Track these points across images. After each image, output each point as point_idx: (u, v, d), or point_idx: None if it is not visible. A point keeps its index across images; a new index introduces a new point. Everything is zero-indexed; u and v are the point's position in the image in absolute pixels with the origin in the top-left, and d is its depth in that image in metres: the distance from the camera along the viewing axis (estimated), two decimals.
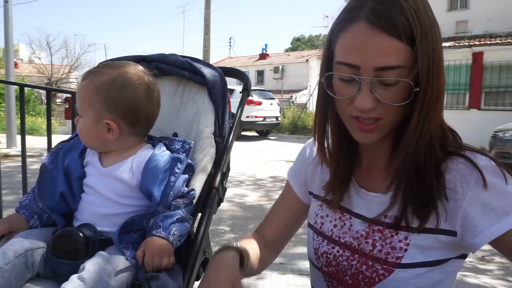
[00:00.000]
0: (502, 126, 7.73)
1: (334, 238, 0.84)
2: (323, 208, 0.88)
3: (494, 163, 0.70)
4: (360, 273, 0.78)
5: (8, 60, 8.16)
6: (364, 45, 0.65)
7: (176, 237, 0.90)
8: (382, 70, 0.65)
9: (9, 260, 0.82)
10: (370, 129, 0.71)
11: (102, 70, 0.98)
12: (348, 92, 0.69)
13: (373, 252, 0.77)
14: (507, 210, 0.67)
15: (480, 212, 0.68)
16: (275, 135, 14.35)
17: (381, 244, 0.76)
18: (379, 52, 0.64)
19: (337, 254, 0.82)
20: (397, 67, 0.64)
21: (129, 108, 0.97)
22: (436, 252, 0.73)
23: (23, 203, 1.00)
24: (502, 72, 10.69)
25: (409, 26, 0.63)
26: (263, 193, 5.18)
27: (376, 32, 0.64)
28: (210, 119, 1.15)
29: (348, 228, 0.82)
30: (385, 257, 0.75)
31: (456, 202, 0.70)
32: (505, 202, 0.68)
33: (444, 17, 12.06)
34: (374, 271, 0.76)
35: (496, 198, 0.68)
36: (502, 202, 0.68)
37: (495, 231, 0.67)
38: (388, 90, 0.66)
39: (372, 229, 0.78)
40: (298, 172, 0.97)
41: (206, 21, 12.58)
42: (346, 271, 0.80)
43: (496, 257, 3.12)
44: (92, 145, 1.01)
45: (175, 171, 0.96)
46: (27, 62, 31.06)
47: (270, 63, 24.08)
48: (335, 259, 0.82)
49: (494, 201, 0.68)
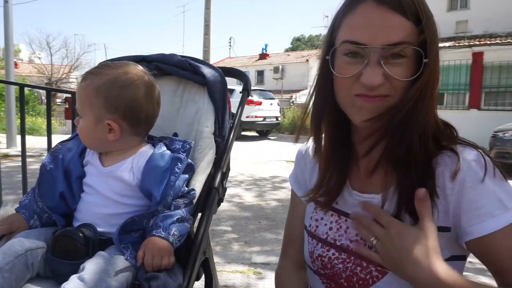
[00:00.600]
0: (502, 126, 7.74)
1: (329, 241, 0.83)
2: (318, 211, 0.87)
3: (483, 157, 0.68)
4: (354, 275, 0.77)
5: (8, 60, 8.17)
6: (372, 22, 0.67)
7: (176, 237, 0.90)
8: (390, 48, 0.66)
9: (9, 260, 0.82)
10: (378, 100, 0.69)
11: (101, 70, 0.98)
12: (354, 69, 0.69)
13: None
14: (492, 211, 0.66)
15: (465, 209, 0.67)
16: (275, 135, 14.35)
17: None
18: (387, 28, 0.66)
19: (332, 257, 0.82)
20: (405, 43, 0.66)
21: (130, 108, 0.97)
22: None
23: (23, 203, 1.00)
24: (502, 72, 10.70)
25: (414, 6, 0.66)
26: (262, 193, 5.18)
27: (384, 9, 0.66)
28: (210, 119, 1.15)
29: (345, 230, 0.81)
30: None
31: (446, 197, 0.69)
32: (491, 201, 0.66)
33: (444, 17, 12.05)
34: (368, 273, 0.75)
35: (481, 195, 0.66)
36: (488, 201, 0.66)
37: (474, 232, 0.67)
38: (396, 65, 0.67)
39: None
40: (297, 176, 0.97)
41: (206, 21, 12.58)
42: (341, 273, 0.80)
43: None
44: (93, 146, 1.00)
45: (175, 171, 0.96)
46: (27, 62, 31.07)
47: (270, 63, 24.08)
48: (330, 262, 0.82)
49: (480, 199, 0.66)
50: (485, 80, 10.95)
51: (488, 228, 0.66)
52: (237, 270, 2.59)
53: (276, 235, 3.51)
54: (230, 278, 2.47)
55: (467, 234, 0.68)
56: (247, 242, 3.32)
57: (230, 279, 2.45)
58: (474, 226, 0.67)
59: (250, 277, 2.50)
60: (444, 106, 11.17)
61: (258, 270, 2.60)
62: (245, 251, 3.07)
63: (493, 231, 0.65)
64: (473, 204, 0.67)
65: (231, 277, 2.48)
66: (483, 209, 0.66)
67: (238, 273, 2.55)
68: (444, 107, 11.16)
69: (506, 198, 0.66)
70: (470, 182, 0.67)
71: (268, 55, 26.09)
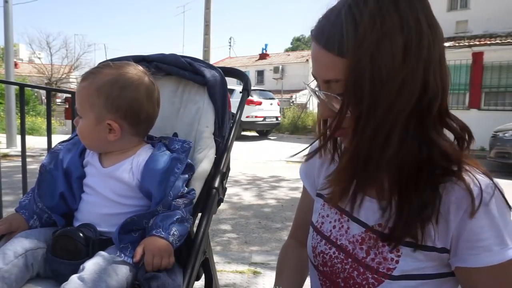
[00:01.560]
0: (502, 126, 7.74)
1: (331, 239, 0.83)
2: (325, 208, 0.87)
3: (494, 190, 0.67)
4: (351, 278, 0.77)
5: (8, 60, 8.16)
6: (314, 60, 0.70)
7: (176, 237, 0.90)
8: (328, 83, 0.68)
9: (9, 260, 0.82)
10: (340, 134, 0.73)
11: (102, 70, 0.98)
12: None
13: (366, 260, 0.76)
14: (490, 246, 0.66)
15: (465, 237, 0.67)
16: (275, 135, 14.35)
17: (375, 253, 0.75)
18: (322, 66, 0.68)
19: (333, 255, 0.82)
20: (339, 80, 0.66)
21: (131, 108, 0.97)
22: (429, 267, 0.71)
23: (22, 203, 1.00)
24: (502, 72, 10.69)
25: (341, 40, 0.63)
26: (262, 193, 5.18)
27: (319, 47, 0.67)
28: (210, 119, 1.15)
29: (345, 230, 0.81)
30: (376, 266, 0.74)
31: (449, 222, 0.68)
32: (492, 235, 0.66)
33: (444, 17, 12.04)
34: (365, 279, 0.75)
35: (484, 228, 0.66)
36: (490, 235, 0.66)
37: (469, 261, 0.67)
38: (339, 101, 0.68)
39: (368, 235, 0.77)
40: (308, 172, 0.97)
41: (206, 21, 12.58)
42: (339, 273, 0.80)
43: None
44: (93, 146, 1.00)
45: (175, 171, 0.96)
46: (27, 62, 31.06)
47: (270, 63, 24.08)
48: (331, 260, 0.82)
49: (482, 232, 0.66)
50: (485, 80, 10.95)
51: (484, 262, 0.66)
52: (237, 270, 2.59)
53: (275, 235, 3.51)
54: (230, 278, 2.47)
55: (460, 261, 0.68)
56: (247, 242, 3.32)
57: (230, 279, 2.45)
58: (470, 255, 0.67)
59: (250, 277, 2.50)
60: None
61: (258, 270, 2.60)
62: (245, 251, 3.07)
63: (487, 265, 0.66)
64: (473, 235, 0.66)
65: (231, 277, 2.48)
66: (483, 242, 0.66)
67: (238, 273, 2.55)
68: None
69: (507, 234, 0.66)
70: (483, 218, 0.66)
71: (268, 55, 26.09)
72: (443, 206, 0.68)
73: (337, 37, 0.63)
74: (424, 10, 0.64)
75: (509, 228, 0.67)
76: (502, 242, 0.66)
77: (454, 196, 0.68)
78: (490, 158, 7.49)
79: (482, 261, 0.66)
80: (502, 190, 0.69)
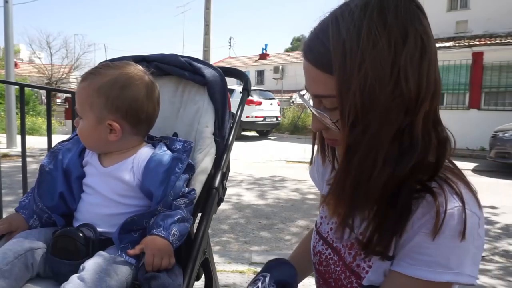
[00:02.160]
0: (502, 126, 7.74)
1: (328, 240, 0.84)
2: (324, 209, 0.88)
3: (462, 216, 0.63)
4: (340, 279, 0.78)
5: (8, 60, 8.16)
6: (305, 74, 0.69)
7: (176, 237, 0.90)
8: (319, 98, 0.68)
9: (9, 260, 0.82)
10: (333, 144, 0.76)
11: (102, 71, 0.97)
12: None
13: (352, 265, 0.76)
14: (430, 264, 0.63)
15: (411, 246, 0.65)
16: (275, 135, 14.35)
17: (359, 260, 0.75)
18: (312, 82, 0.68)
19: (328, 256, 0.83)
20: (329, 96, 0.65)
21: (131, 108, 0.97)
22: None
23: (22, 203, 1.00)
24: (502, 72, 10.68)
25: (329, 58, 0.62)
26: (262, 193, 5.18)
27: (308, 64, 0.67)
28: (210, 119, 1.15)
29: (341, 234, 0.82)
30: (360, 272, 0.74)
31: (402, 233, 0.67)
32: (436, 255, 0.63)
33: (444, 17, 12.05)
34: (350, 283, 0.75)
35: (436, 248, 0.63)
36: (434, 254, 0.63)
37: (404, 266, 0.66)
38: (330, 115, 0.67)
39: (357, 241, 0.76)
40: (314, 173, 0.99)
41: (206, 21, 12.58)
42: (332, 274, 0.81)
43: (495, 257, 3.12)
44: (93, 147, 1.00)
45: (176, 171, 0.96)
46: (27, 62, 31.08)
47: (270, 63, 24.08)
48: (326, 260, 0.83)
49: (432, 250, 0.63)
50: (485, 80, 10.94)
51: (418, 274, 0.64)
52: (237, 270, 2.59)
53: (275, 235, 3.51)
54: (230, 278, 2.47)
55: (398, 266, 0.67)
56: (247, 242, 3.32)
57: (230, 279, 2.45)
58: (408, 264, 0.65)
59: (250, 277, 2.50)
60: (444, 106, 11.15)
61: (258, 270, 2.59)
62: (245, 251, 3.06)
63: (420, 278, 0.64)
64: (419, 248, 0.64)
65: (231, 277, 2.48)
66: (426, 257, 0.64)
67: (238, 273, 2.55)
68: (444, 107, 11.14)
69: (452, 259, 0.63)
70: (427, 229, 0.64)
71: (268, 55, 26.09)
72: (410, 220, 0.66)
73: (325, 55, 0.63)
74: (413, 20, 0.61)
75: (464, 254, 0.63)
76: (446, 265, 0.63)
77: (420, 213, 0.65)
78: (490, 158, 7.49)
79: (416, 273, 0.64)
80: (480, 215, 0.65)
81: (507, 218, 4.24)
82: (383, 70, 0.59)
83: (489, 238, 3.60)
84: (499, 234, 3.73)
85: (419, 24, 0.61)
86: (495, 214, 4.36)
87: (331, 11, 0.66)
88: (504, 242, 3.51)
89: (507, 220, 4.18)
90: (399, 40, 0.59)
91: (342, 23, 0.62)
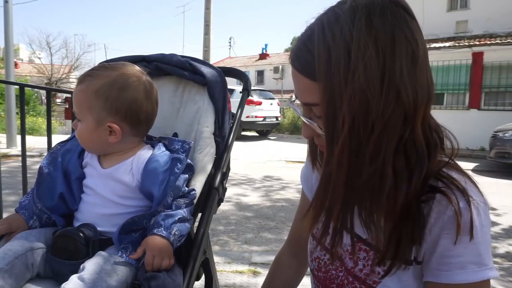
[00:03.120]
0: (502, 126, 7.74)
1: (326, 246, 0.82)
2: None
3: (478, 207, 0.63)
4: (343, 285, 0.77)
5: (8, 60, 8.16)
6: (294, 83, 0.69)
7: (176, 237, 0.90)
8: (308, 106, 0.68)
9: (9, 260, 0.81)
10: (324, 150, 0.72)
11: (99, 72, 0.97)
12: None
13: (354, 270, 0.75)
14: (464, 264, 0.63)
15: (438, 252, 0.64)
16: (275, 135, 14.35)
17: (363, 264, 0.74)
18: (300, 90, 0.68)
19: (327, 262, 0.81)
20: (317, 104, 0.64)
21: (131, 109, 0.96)
22: (415, 282, 0.69)
23: (22, 204, 1.00)
24: (502, 72, 10.68)
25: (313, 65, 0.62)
26: (262, 193, 5.18)
27: (296, 72, 0.67)
28: (210, 119, 1.15)
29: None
30: (364, 277, 0.73)
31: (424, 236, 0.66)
32: (467, 253, 0.63)
33: (444, 17, 12.05)
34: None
35: (464, 247, 0.63)
36: (463, 253, 0.63)
37: (441, 277, 0.64)
38: (319, 123, 0.67)
39: (359, 246, 0.75)
40: (307, 175, 0.96)
41: (206, 21, 12.58)
42: (333, 279, 0.79)
43: (496, 258, 3.12)
44: (93, 149, 1.00)
45: (175, 171, 0.95)
46: (27, 62, 31.08)
47: (270, 63, 24.08)
48: (325, 266, 0.81)
49: (456, 248, 0.63)
50: (485, 80, 10.94)
51: (455, 279, 0.63)
52: (237, 270, 2.59)
53: (276, 235, 3.51)
54: (230, 278, 2.47)
55: (433, 276, 0.66)
56: (247, 242, 3.32)
57: (230, 279, 2.45)
58: (442, 271, 0.64)
59: (250, 277, 2.50)
60: (444, 106, 11.16)
61: (258, 270, 2.60)
62: (245, 251, 3.06)
63: (459, 283, 0.63)
64: (447, 251, 0.64)
65: (231, 277, 2.48)
66: (457, 258, 0.63)
67: (238, 273, 2.55)
68: (444, 107, 11.15)
69: (484, 254, 0.63)
70: (449, 230, 0.63)
71: (268, 55, 26.10)
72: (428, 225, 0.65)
73: (311, 63, 0.62)
74: (401, 25, 0.59)
75: (486, 247, 0.63)
76: (480, 262, 0.62)
77: (435, 216, 0.64)
78: (490, 158, 7.49)
79: (454, 278, 0.63)
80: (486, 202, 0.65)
81: (507, 218, 4.24)
82: (372, 78, 0.57)
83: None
84: (500, 235, 3.73)
85: (407, 28, 0.60)
86: (495, 214, 4.36)
87: (317, 17, 0.64)
88: (504, 243, 3.50)
89: (507, 220, 4.18)
90: (387, 47, 0.58)
91: (328, 29, 0.60)
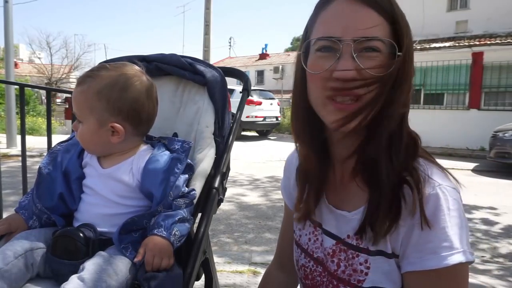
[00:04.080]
0: (502, 126, 7.74)
1: (309, 252, 0.82)
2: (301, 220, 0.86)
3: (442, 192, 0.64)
4: None
5: (8, 60, 8.16)
6: (344, 16, 0.65)
7: (177, 237, 0.90)
8: (362, 40, 0.64)
9: (9, 260, 0.81)
10: (349, 109, 0.66)
11: (99, 73, 0.96)
12: (327, 64, 0.66)
13: (337, 272, 0.75)
14: (434, 250, 0.63)
15: (413, 241, 0.65)
16: (275, 135, 14.35)
17: (345, 265, 0.74)
18: (359, 21, 0.64)
19: (312, 268, 0.81)
20: (377, 39, 0.64)
21: (132, 109, 0.96)
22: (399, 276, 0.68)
23: (22, 204, 1.00)
24: (502, 72, 10.67)
25: (389, 4, 0.66)
26: (262, 193, 5.18)
27: (355, 4, 0.64)
28: (210, 119, 1.15)
29: (320, 243, 0.80)
30: (348, 278, 0.73)
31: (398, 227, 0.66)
32: (436, 239, 0.63)
33: (444, 17, 12.04)
34: None
35: (434, 232, 0.63)
36: (433, 238, 0.63)
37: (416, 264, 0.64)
38: (369, 59, 0.64)
39: (339, 247, 0.75)
40: (286, 187, 0.97)
41: (206, 21, 12.57)
42: (319, 286, 0.79)
43: (496, 258, 3.12)
44: (95, 150, 1.00)
45: (175, 171, 0.95)
46: (27, 62, 31.08)
47: (270, 63, 24.07)
48: (311, 273, 0.81)
49: (431, 235, 0.63)
50: (485, 80, 10.93)
51: (428, 265, 0.63)
52: (237, 270, 2.59)
53: (276, 235, 3.51)
54: (230, 278, 2.47)
55: (408, 264, 0.66)
56: (247, 242, 3.32)
57: (230, 279, 2.45)
58: (416, 259, 0.64)
59: (250, 277, 2.50)
60: (444, 106, 11.16)
61: (258, 270, 2.60)
62: (245, 251, 3.07)
63: (432, 268, 0.63)
64: (419, 238, 0.64)
65: (231, 277, 2.48)
66: (428, 244, 0.63)
67: (238, 273, 2.55)
68: (444, 107, 11.15)
69: (454, 238, 0.63)
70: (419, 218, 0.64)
71: (268, 55, 26.09)
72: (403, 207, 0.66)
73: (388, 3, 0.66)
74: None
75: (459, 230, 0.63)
76: (451, 246, 0.62)
77: (406, 205, 0.65)
78: (490, 158, 7.49)
79: (428, 264, 0.63)
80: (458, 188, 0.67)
81: (507, 218, 4.24)
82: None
83: (489, 238, 3.60)
84: (499, 234, 3.73)
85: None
86: (495, 214, 4.36)
87: None
88: (504, 242, 3.51)
89: (507, 220, 4.18)
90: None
91: None
